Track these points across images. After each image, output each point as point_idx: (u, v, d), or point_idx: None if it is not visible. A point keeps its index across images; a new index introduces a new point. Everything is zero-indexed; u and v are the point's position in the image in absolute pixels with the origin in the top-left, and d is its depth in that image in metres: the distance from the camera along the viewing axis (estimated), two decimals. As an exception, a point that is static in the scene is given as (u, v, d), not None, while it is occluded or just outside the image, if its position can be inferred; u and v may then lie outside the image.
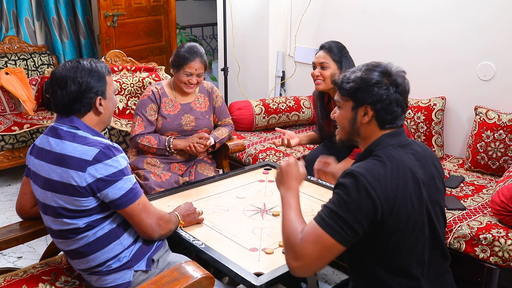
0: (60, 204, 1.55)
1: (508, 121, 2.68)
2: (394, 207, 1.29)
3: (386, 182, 1.29)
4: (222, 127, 2.74)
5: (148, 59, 4.78)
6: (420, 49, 3.20)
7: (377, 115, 1.40)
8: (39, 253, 2.72)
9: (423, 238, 1.39)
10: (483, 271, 2.07)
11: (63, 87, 1.56)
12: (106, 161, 1.51)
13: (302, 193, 2.19)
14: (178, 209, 1.88)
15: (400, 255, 1.36)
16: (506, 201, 2.07)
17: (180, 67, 2.50)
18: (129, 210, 1.56)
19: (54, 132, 1.58)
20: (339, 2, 3.67)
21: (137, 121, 2.57)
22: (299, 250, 1.30)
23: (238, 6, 4.23)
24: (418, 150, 1.44)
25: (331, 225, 1.28)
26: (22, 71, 4.01)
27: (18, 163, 3.69)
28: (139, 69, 3.36)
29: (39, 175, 1.59)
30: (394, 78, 1.39)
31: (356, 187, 1.28)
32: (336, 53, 2.44)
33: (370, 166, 1.33)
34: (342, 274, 2.60)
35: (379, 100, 1.38)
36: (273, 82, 4.24)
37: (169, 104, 2.59)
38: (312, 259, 1.30)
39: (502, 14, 2.81)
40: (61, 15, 4.66)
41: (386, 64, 1.43)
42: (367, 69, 1.42)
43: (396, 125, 1.43)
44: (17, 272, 1.76)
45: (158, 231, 1.64)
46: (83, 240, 1.59)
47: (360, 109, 1.41)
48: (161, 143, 2.53)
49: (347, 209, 1.27)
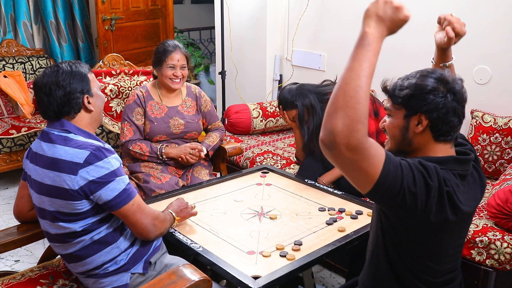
0: (55, 208, 1.55)
1: (504, 124, 2.70)
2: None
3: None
4: (212, 132, 2.73)
5: (146, 63, 4.79)
6: (418, 54, 3.20)
7: (432, 124, 1.31)
8: (37, 257, 2.72)
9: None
10: (479, 274, 2.08)
11: (48, 93, 1.56)
12: (97, 163, 1.50)
13: (299, 197, 2.20)
14: (170, 207, 1.88)
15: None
16: (502, 204, 2.08)
17: (162, 62, 2.47)
18: (124, 211, 1.56)
19: (45, 136, 1.59)
20: (336, 7, 3.69)
21: (125, 127, 2.53)
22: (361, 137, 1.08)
23: (236, 9, 4.25)
24: (471, 186, 1.37)
25: (391, 166, 1.16)
26: (20, 74, 4.02)
27: (16, 167, 3.69)
28: (137, 72, 3.37)
29: (34, 180, 1.60)
30: (452, 85, 1.31)
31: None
32: (287, 101, 2.54)
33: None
34: (340, 277, 2.61)
35: (435, 109, 1.29)
36: (271, 85, 4.25)
37: (155, 107, 2.55)
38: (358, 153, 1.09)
39: (498, 19, 2.83)
40: (59, 19, 4.67)
41: (441, 71, 1.35)
42: (422, 75, 1.34)
43: (452, 137, 1.35)
44: (15, 276, 1.76)
45: (154, 231, 1.64)
46: (80, 244, 1.59)
47: (413, 117, 1.32)
48: (153, 151, 2.51)
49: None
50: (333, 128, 1.07)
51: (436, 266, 1.38)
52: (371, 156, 1.12)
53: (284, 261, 1.66)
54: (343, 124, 1.06)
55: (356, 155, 1.09)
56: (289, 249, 1.73)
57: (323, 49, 3.85)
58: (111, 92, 3.16)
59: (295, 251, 1.72)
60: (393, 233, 1.36)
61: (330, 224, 1.93)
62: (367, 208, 2.07)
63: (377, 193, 1.18)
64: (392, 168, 1.17)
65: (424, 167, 1.24)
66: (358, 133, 1.07)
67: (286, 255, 1.68)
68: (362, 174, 1.14)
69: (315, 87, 2.58)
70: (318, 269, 2.68)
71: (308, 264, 1.67)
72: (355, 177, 1.17)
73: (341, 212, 2.03)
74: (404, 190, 1.19)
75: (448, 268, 1.42)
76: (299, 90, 2.54)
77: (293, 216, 2.01)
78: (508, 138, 2.67)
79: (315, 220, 1.97)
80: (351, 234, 1.83)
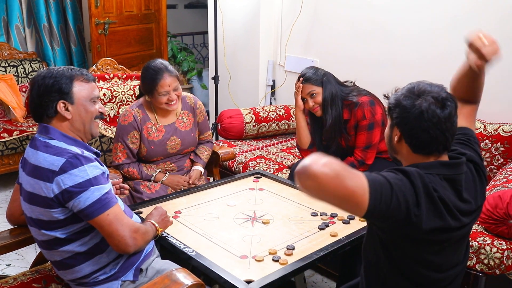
0: (36, 215, 1.54)
1: (493, 131, 2.73)
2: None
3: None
4: (204, 145, 2.69)
5: (139, 67, 4.77)
6: (409, 63, 3.23)
7: (404, 137, 1.35)
8: (28, 261, 2.71)
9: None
10: (469, 278, 2.10)
11: (31, 92, 1.59)
12: (72, 170, 1.46)
13: (292, 201, 2.22)
14: (151, 217, 1.82)
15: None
16: (491, 210, 2.11)
17: (153, 90, 2.33)
18: (98, 220, 1.50)
19: (33, 142, 1.58)
20: (329, 13, 3.72)
21: (118, 148, 2.43)
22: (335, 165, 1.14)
23: (229, 15, 4.27)
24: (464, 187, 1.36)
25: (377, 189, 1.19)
26: (12, 77, 4.00)
27: (7, 170, 3.67)
28: (130, 77, 3.38)
29: (22, 187, 1.59)
30: (419, 103, 1.30)
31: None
32: (315, 77, 2.49)
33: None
34: (332, 282, 2.62)
35: (401, 123, 1.34)
36: (264, 91, 4.27)
37: (152, 129, 2.44)
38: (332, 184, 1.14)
39: (491, 28, 2.86)
40: (52, 22, 4.67)
41: (424, 84, 1.35)
42: (405, 88, 1.37)
43: (430, 152, 1.33)
44: (7, 280, 1.76)
45: (132, 244, 1.55)
46: (66, 253, 1.58)
47: (394, 128, 1.38)
48: (143, 177, 2.47)
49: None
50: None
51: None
52: (347, 178, 1.15)
53: (277, 265, 1.67)
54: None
55: (336, 179, 1.13)
56: (282, 254, 1.74)
57: (316, 55, 3.87)
58: (104, 96, 3.16)
59: (288, 255, 1.73)
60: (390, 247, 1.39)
61: (322, 229, 1.94)
62: (359, 213, 2.09)
63: (374, 212, 1.21)
64: (375, 179, 1.20)
65: (402, 171, 1.27)
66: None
67: (279, 260, 1.69)
68: (351, 199, 1.17)
69: (338, 82, 2.54)
70: (310, 274, 2.69)
71: (300, 269, 1.68)
72: (344, 204, 1.22)
73: (333, 217, 2.05)
74: (396, 197, 1.21)
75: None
76: (327, 75, 2.50)
77: (286, 221, 2.02)
78: (497, 145, 2.71)
79: (307, 225, 1.98)
80: (343, 239, 1.85)
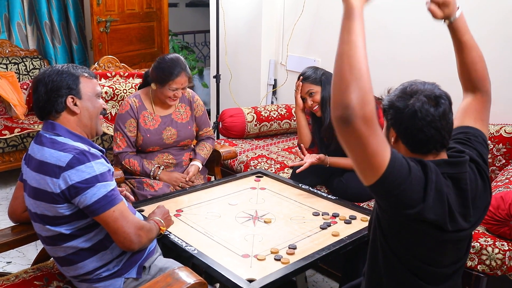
0: (41, 211, 1.55)
1: (495, 132, 2.73)
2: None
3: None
4: (205, 141, 2.69)
5: (140, 65, 4.80)
6: (411, 63, 3.23)
7: (400, 138, 1.34)
8: (29, 258, 2.71)
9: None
10: (471, 279, 2.10)
11: (35, 91, 1.58)
12: (79, 166, 1.48)
13: (293, 201, 2.22)
14: (154, 215, 1.81)
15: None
16: (493, 211, 2.10)
17: (165, 83, 2.39)
18: (104, 217, 1.51)
19: (38, 139, 1.59)
20: (331, 13, 3.71)
21: (118, 137, 2.49)
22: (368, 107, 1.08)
23: (231, 14, 4.27)
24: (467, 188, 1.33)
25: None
26: (13, 75, 4.00)
27: (9, 168, 3.67)
28: (132, 75, 3.38)
29: (26, 182, 1.60)
30: (412, 102, 1.30)
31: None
32: (314, 76, 2.50)
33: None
34: (332, 282, 2.62)
35: (396, 124, 1.33)
36: (265, 90, 4.27)
37: (149, 118, 2.49)
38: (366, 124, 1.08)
39: (492, 29, 2.87)
40: (53, 20, 4.66)
41: (417, 84, 1.35)
42: (398, 89, 1.36)
43: (428, 151, 1.33)
44: (8, 277, 1.76)
45: (137, 242, 1.56)
46: (70, 249, 1.58)
47: (390, 129, 1.36)
48: (144, 171, 2.48)
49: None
50: (349, 103, 1.07)
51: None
52: (380, 134, 1.12)
53: (279, 264, 1.67)
54: (357, 97, 1.07)
55: (369, 129, 1.09)
56: (284, 253, 1.74)
57: (318, 55, 3.87)
58: (106, 94, 3.17)
59: (290, 255, 1.73)
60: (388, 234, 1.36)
61: (324, 228, 1.94)
62: (361, 213, 2.09)
63: (386, 180, 1.17)
64: (398, 155, 1.18)
65: (420, 162, 1.26)
66: (371, 104, 1.08)
67: (281, 259, 1.69)
68: (372, 156, 1.13)
69: None
70: (311, 273, 2.69)
71: (302, 268, 1.68)
72: (365, 160, 1.15)
73: (335, 217, 2.05)
74: (410, 179, 1.19)
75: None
76: (326, 75, 2.51)
77: (288, 220, 2.02)
78: (499, 146, 2.70)
79: (309, 224, 1.98)
80: (345, 238, 1.85)
